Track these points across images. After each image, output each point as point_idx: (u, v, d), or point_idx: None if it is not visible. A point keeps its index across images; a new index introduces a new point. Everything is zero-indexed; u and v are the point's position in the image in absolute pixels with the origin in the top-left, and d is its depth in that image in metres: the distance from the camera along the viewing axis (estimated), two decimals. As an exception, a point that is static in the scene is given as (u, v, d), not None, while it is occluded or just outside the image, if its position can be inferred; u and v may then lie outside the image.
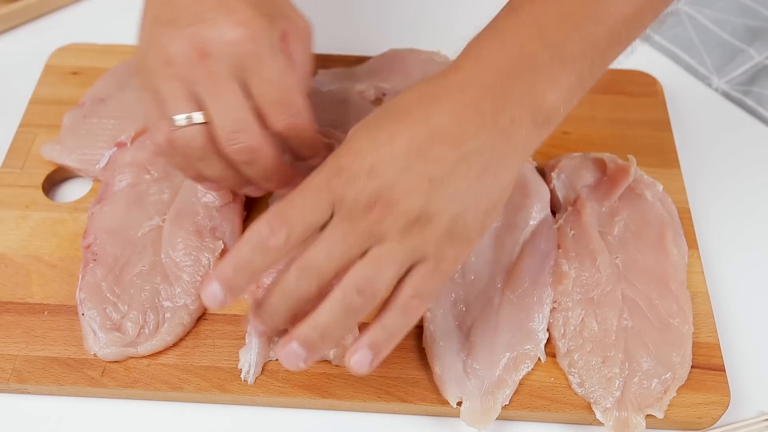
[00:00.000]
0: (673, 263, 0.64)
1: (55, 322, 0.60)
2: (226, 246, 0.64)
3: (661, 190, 0.68)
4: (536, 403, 0.58)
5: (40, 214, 0.67)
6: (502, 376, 0.58)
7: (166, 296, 0.61)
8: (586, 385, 0.58)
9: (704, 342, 0.61)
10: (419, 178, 0.47)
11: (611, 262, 0.63)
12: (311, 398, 0.57)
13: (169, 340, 0.59)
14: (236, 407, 0.58)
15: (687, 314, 0.61)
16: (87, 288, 0.61)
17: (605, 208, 0.66)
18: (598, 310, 0.61)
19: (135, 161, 0.68)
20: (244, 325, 0.59)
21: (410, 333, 0.60)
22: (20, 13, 0.83)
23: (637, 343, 0.59)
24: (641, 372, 0.58)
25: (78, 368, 0.58)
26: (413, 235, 0.48)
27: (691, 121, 0.78)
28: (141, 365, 0.58)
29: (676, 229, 0.66)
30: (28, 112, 0.74)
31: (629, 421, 0.56)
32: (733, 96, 0.80)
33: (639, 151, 0.71)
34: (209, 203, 0.66)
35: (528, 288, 0.62)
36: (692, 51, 0.83)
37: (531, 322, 0.60)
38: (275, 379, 0.58)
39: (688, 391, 0.58)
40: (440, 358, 0.58)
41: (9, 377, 0.57)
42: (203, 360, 0.59)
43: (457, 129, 0.48)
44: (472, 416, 0.56)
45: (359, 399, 0.57)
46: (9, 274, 0.63)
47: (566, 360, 0.59)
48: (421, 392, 0.58)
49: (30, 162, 0.70)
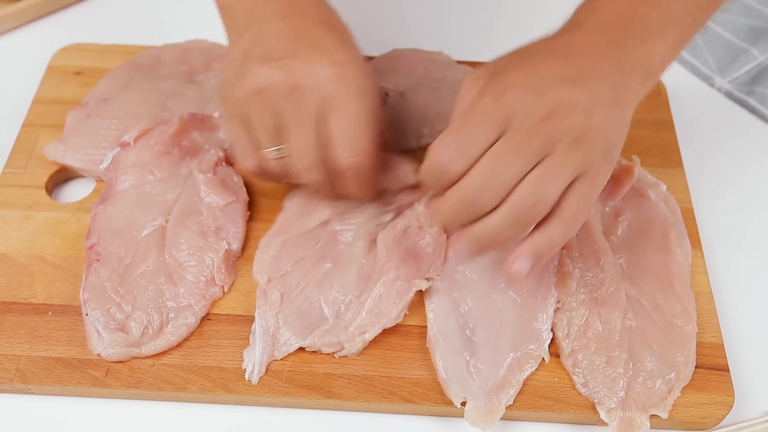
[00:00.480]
0: (676, 263, 0.64)
1: (58, 322, 0.60)
2: (229, 246, 0.63)
3: (664, 190, 0.68)
4: (540, 403, 0.58)
5: (43, 214, 0.66)
6: (506, 376, 0.58)
7: (170, 296, 0.61)
8: (590, 385, 0.58)
9: (708, 342, 0.61)
10: (579, 99, 0.52)
11: (615, 262, 0.63)
12: (315, 398, 0.57)
13: (173, 341, 0.59)
14: (240, 407, 0.58)
15: (691, 314, 0.61)
16: (91, 288, 0.61)
17: (609, 208, 0.66)
18: (602, 310, 0.61)
19: (138, 162, 0.68)
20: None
21: (414, 333, 0.60)
22: (23, 13, 0.83)
23: (641, 344, 0.59)
24: (645, 372, 0.58)
25: (82, 368, 0.58)
26: (579, 150, 0.52)
27: (694, 121, 0.78)
28: (145, 365, 0.58)
29: (679, 229, 0.66)
30: (31, 112, 0.74)
31: (633, 421, 0.56)
32: (736, 96, 0.80)
33: (642, 151, 0.71)
34: (213, 204, 0.66)
35: (532, 288, 0.62)
36: (695, 51, 0.83)
37: (535, 322, 0.60)
38: (279, 379, 0.58)
39: (692, 391, 0.58)
40: (444, 358, 0.58)
41: (13, 377, 0.57)
42: (207, 360, 0.59)
43: (596, 67, 0.53)
44: (477, 416, 0.56)
45: (363, 399, 0.57)
46: (12, 275, 0.63)
47: (570, 360, 0.59)
48: (425, 392, 0.58)
49: (33, 162, 0.70)
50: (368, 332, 0.59)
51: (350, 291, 0.61)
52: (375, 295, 0.60)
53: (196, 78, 0.75)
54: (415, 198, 0.65)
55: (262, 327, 0.59)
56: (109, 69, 0.76)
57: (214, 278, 0.62)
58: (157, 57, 0.77)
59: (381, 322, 0.59)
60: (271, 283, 0.61)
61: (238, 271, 0.64)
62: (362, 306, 0.60)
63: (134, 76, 0.75)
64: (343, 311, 0.60)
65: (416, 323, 0.61)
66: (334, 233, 0.64)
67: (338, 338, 0.59)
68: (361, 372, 0.58)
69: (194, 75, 0.76)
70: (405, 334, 0.60)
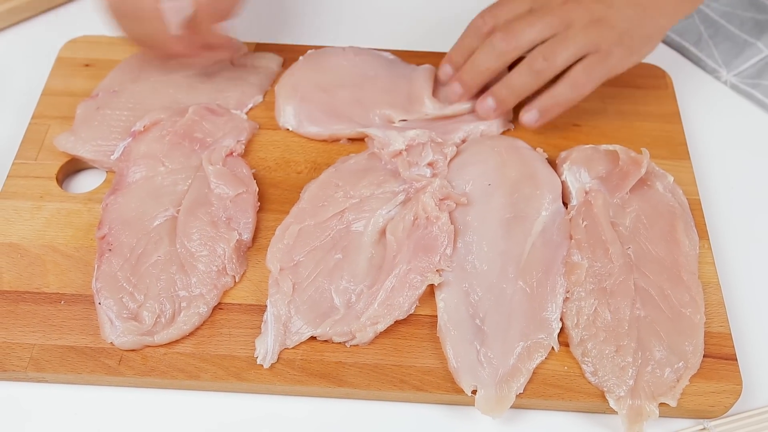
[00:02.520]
0: (684, 254, 0.64)
1: (71, 311, 0.61)
2: (240, 237, 0.64)
3: (671, 182, 0.68)
4: (550, 391, 0.58)
5: (54, 204, 0.67)
6: (516, 365, 0.58)
7: (182, 286, 0.61)
8: (600, 374, 0.58)
9: (716, 331, 0.61)
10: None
11: (623, 253, 0.63)
12: (327, 387, 0.58)
13: (186, 329, 0.59)
14: (252, 396, 0.59)
15: (699, 304, 0.62)
16: (103, 277, 0.61)
17: (617, 200, 0.67)
18: (611, 300, 0.61)
19: (149, 152, 0.68)
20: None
21: (424, 322, 0.61)
22: (32, 5, 0.84)
23: (649, 333, 0.60)
24: (654, 361, 0.59)
25: (95, 357, 0.58)
26: (593, 30, 0.66)
27: (701, 114, 0.78)
28: (158, 354, 0.59)
29: (687, 220, 0.67)
30: (40, 104, 0.74)
31: (642, 409, 0.57)
32: (742, 89, 0.80)
33: (649, 144, 0.72)
34: (223, 194, 0.66)
35: (541, 278, 0.62)
36: (701, 44, 0.84)
37: (544, 312, 0.61)
38: (291, 367, 0.58)
39: (701, 379, 0.59)
40: (454, 347, 0.59)
41: (27, 366, 0.58)
42: (219, 349, 0.59)
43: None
44: (487, 404, 0.57)
45: (374, 387, 0.58)
46: (25, 264, 0.63)
47: (580, 349, 0.59)
48: (436, 381, 0.58)
49: (43, 153, 0.70)
50: (380, 323, 0.59)
51: (361, 281, 0.62)
52: (387, 287, 0.60)
53: (206, 70, 0.76)
54: (425, 183, 0.65)
55: (274, 316, 0.60)
56: (118, 61, 0.77)
57: (225, 268, 0.62)
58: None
59: (393, 314, 0.60)
60: (283, 272, 0.62)
61: (249, 261, 0.64)
62: (374, 297, 0.60)
63: (144, 67, 0.75)
64: (354, 301, 0.61)
65: (427, 312, 0.61)
66: (348, 223, 0.65)
67: (350, 327, 0.59)
68: (372, 361, 0.59)
69: (205, 67, 0.76)
70: (416, 323, 0.61)
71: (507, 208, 0.66)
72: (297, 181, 0.69)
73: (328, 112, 0.73)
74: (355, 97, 0.74)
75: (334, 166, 0.69)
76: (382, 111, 0.73)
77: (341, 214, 0.65)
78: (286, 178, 0.70)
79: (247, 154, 0.71)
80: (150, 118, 0.69)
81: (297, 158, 0.71)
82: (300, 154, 0.72)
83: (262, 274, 0.63)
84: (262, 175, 0.70)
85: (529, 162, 0.69)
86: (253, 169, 0.69)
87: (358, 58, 0.77)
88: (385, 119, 0.73)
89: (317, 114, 0.73)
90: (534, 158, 0.69)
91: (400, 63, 0.78)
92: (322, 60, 0.77)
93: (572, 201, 0.67)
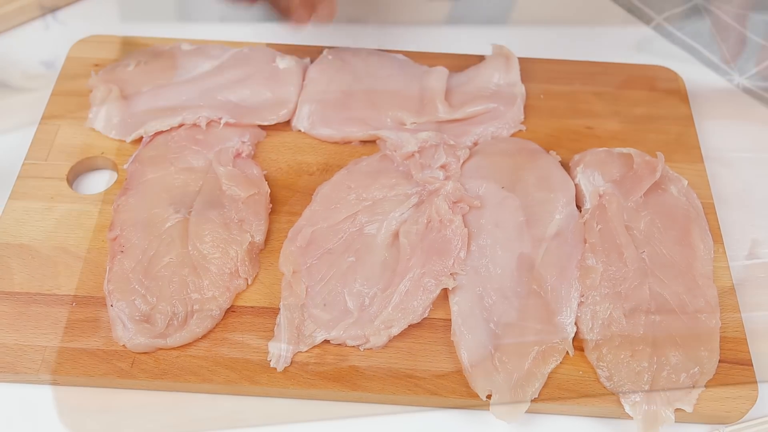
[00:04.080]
0: (699, 258, 0.64)
1: (83, 313, 0.60)
2: (253, 239, 0.63)
3: (686, 185, 0.68)
4: (565, 396, 0.58)
5: (65, 205, 0.66)
6: (531, 370, 0.58)
7: (195, 288, 0.61)
8: (615, 379, 0.58)
9: (731, 336, 0.61)
10: None
11: (638, 257, 0.63)
12: (341, 390, 0.57)
13: (198, 332, 0.59)
14: (265, 399, 0.58)
15: (714, 309, 0.61)
16: (115, 279, 0.61)
17: (631, 203, 0.66)
18: (626, 304, 0.61)
19: (160, 154, 0.68)
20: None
21: (438, 326, 0.61)
22: (41, 5, 0.83)
23: (665, 338, 0.59)
24: (670, 366, 0.58)
25: (107, 359, 0.58)
26: None
27: (713, 117, 0.78)
28: (170, 357, 0.58)
29: (701, 223, 0.66)
30: (50, 104, 0.73)
31: (658, 414, 0.56)
32: (755, 91, 0.80)
33: (662, 147, 0.71)
34: (235, 196, 0.66)
35: (555, 282, 0.62)
36: (712, 47, 0.83)
37: (559, 316, 0.60)
38: (305, 371, 0.58)
39: (716, 385, 0.58)
40: (469, 351, 0.58)
41: (39, 368, 0.57)
42: (232, 352, 0.59)
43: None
44: (502, 409, 0.56)
45: (388, 392, 0.57)
46: (36, 266, 0.63)
47: (595, 354, 0.59)
48: (451, 385, 0.58)
49: (54, 154, 0.70)
50: (394, 327, 0.59)
51: (374, 284, 0.61)
52: (401, 290, 0.60)
53: (220, 72, 0.75)
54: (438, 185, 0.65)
55: (287, 319, 0.59)
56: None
57: (238, 270, 0.62)
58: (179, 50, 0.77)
59: (407, 318, 0.59)
60: (296, 275, 0.61)
61: (261, 264, 0.64)
62: (388, 300, 0.60)
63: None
64: (367, 304, 0.60)
65: (441, 316, 0.61)
66: (361, 226, 0.64)
67: (363, 331, 0.59)
68: (386, 364, 0.59)
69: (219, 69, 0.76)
70: (430, 327, 0.61)
71: (520, 211, 0.65)
72: (308, 183, 0.69)
73: (341, 114, 0.73)
74: (368, 98, 0.74)
75: (346, 168, 0.69)
76: (395, 113, 0.73)
77: (354, 216, 0.65)
78: (297, 180, 0.69)
79: (257, 156, 0.71)
80: (160, 122, 0.69)
81: (308, 160, 0.71)
82: (311, 156, 0.71)
83: (275, 277, 0.63)
84: (273, 176, 0.69)
85: (543, 165, 0.69)
86: (264, 171, 0.69)
87: (371, 59, 0.77)
88: (397, 121, 0.72)
89: (330, 116, 0.72)
90: (547, 161, 0.69)
91: (412, 64, 0.77)
92: (335, 61, 0.76)
93: (586, 204, 0.67)
